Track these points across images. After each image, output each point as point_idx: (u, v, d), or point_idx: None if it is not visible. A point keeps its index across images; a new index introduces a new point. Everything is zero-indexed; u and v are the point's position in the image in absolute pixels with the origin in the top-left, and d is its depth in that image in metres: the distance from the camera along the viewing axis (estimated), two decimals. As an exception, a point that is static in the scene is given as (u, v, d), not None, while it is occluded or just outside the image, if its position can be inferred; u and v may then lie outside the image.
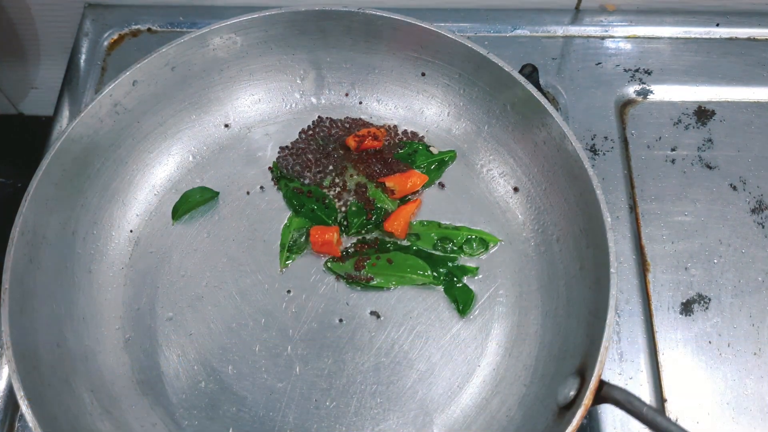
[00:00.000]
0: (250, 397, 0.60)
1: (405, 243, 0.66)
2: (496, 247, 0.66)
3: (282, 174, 0.69)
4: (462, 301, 0.63)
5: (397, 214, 0.67)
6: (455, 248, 0.66)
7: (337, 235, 0.65)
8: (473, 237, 0.66)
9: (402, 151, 0.70)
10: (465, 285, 0.64)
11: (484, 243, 0.66)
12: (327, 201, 0.68)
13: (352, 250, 0.66)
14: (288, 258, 0.66)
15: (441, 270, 0.64)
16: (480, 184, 0.69)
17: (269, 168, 0.70)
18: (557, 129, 0.61)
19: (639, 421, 0.47)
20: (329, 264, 0.65)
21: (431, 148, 0.70)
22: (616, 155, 0.73)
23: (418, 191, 0.69)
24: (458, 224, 0.67)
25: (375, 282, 0.64)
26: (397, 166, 0.69)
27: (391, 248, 0.66)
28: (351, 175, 0.69)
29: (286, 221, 0.67)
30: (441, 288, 0.64)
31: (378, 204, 0.67)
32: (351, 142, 0.69)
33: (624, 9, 0.82)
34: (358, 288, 0.64)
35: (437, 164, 0.69)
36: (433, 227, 0.67)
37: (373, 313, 0.63)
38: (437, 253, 0.66)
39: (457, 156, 0.70)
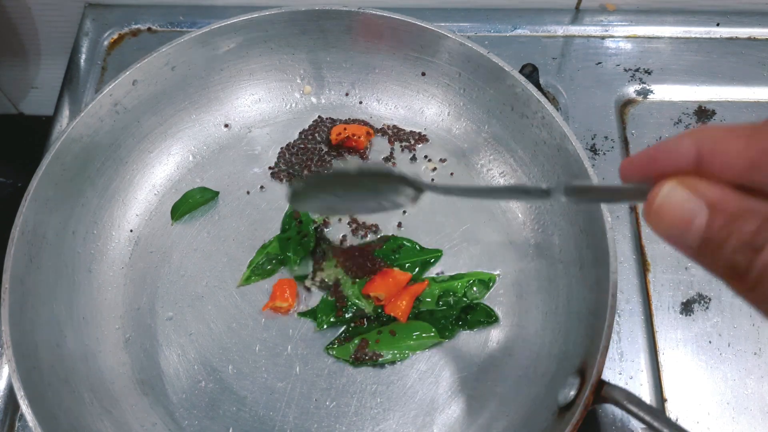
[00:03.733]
0: (250, 397, 0.60)
1: None
2: (498, 273, 0.66)
3: (283, 169, 0.69)
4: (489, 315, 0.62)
5: (401, 295, 0.62)
6: (458, 298, 0.63)
7: (290, 301, 0.62)
8: (473, 281, 0.63)
9: (385, 247, 0.65)
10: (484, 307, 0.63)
11: (484, 284, 0.64)
12: (305, 239, 0.65)
13: (351, 328, 0.62)
14: (249, 278, 0.64)
15: (444, 322, 0.62)
16: (480, 184, 0.69)
17: (269, 168, 0.70)
18: (557, 129, 0.61)
19: (639, 421, 0.47)
20: (331, 351, 0.61)
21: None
22: (616, 155, 0.73)
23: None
24: (453, 272, 0.64)
25: (384, 358, 0.60)
26: (380, 264, 0.64)
27: (386, 319, 0.62)
28: (328, 267, 0.65)
29: (273, 237, 0.66)
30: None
31: (350, 302, 0.62)
32: (333, 135, 0.69)
33: (624, 9, 0.82)
34: (368, 365, 0.61)
35: (421, 265, 0.65)
36: (429, 284, 0.63)
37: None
38: (441, 308, 0.63)
39: (458, 156, 0.70)
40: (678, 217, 0.26)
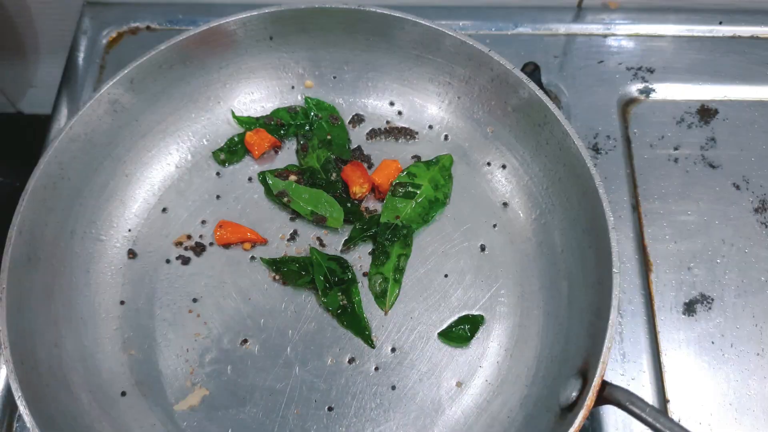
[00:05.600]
0: (249, 398, 0.59)
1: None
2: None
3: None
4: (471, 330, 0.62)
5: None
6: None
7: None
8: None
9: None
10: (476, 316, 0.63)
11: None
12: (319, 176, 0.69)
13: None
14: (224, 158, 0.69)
15: None
16: (482, 183, 0.69)
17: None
18: (559, 128, 0.60)
19: (641, 423, 0.47)
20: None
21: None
22: (618, 154, 0.72)
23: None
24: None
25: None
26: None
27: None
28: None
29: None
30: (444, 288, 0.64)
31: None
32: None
33: (626, 7, 0.81)
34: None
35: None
36: None
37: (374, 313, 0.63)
38: None
39: (459, 155, 0.70)
40: None
